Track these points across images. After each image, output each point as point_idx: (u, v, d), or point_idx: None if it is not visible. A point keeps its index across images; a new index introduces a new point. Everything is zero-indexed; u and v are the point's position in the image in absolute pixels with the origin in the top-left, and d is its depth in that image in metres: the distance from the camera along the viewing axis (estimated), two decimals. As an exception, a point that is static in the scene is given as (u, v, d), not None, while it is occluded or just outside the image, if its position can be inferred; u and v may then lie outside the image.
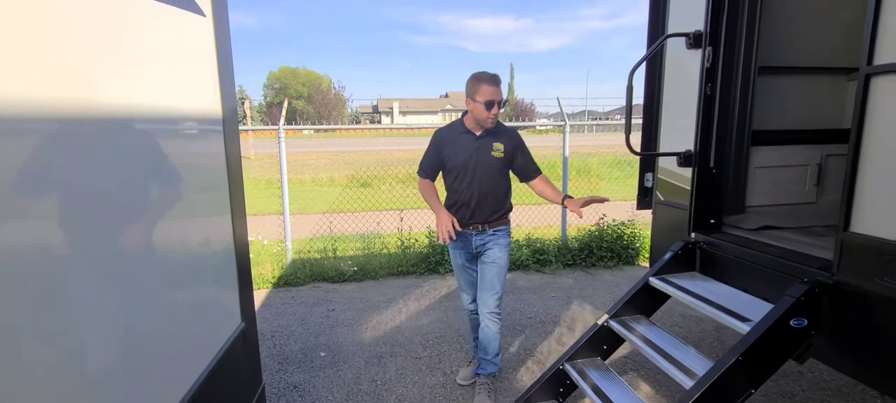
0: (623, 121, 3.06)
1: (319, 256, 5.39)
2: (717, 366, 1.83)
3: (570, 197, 2.61)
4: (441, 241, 2.53)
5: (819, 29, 3.00)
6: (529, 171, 2.74)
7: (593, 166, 12.75)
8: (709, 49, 2.52)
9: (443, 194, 2.76)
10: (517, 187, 2.81)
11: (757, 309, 2.03)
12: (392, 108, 69.08)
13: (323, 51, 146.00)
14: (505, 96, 2.57)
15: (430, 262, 5.19)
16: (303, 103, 52.66)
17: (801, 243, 2.38)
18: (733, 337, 3.49)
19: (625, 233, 5.55)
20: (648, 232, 5.67)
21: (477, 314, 2.82)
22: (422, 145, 2.84)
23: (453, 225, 2.50)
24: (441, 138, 2.67)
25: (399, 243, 5.52)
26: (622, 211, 6.47)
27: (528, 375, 3.06)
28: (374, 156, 19.50)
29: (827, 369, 3.00)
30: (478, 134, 2.60)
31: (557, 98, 5.61)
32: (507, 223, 2.76)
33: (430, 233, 5.51)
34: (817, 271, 1.89)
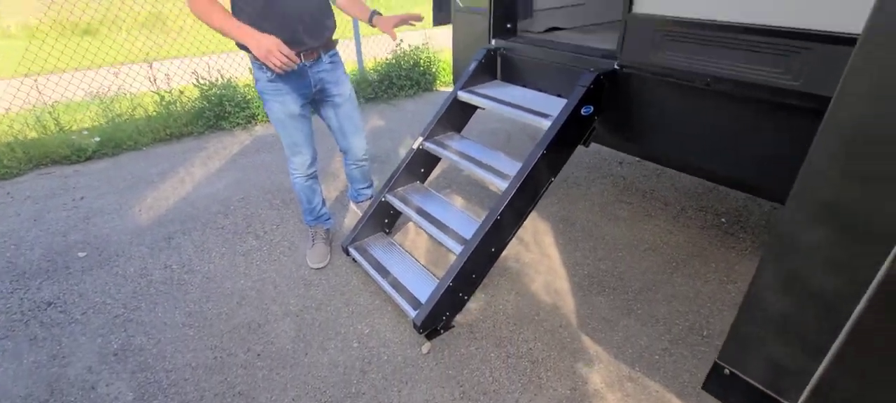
0: None
1: (37, 134, 3.88)
2: (527, 164, 1.96)
3: (379, 13, 2.19)
4: (280, 71, 1.78)
5: None
6: None
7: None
8: None
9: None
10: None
11: (554, 104, 2.20)
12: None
13: None
14: None
15: (207, 118, 4.27)
16: None
17: (583, 39, 2.60)
18: (525, 142, 3.98)
19: (421, 59, 5.47)
20: (444, 56, 5.77)
21: (314, 177, 2.38)
22: None
23: (280, 44, 1.76)
24: None
25: (158, 101, 4.32)
26: (415, 34, 6.31)
27: (354, 219, 2.95)
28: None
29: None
30: None
31: None
32: (336, 44, 2.20)
33: (200, 83, 4.42)
34: (602, 60, 2.08)
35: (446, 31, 3.22)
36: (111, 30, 8.45)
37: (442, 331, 1.99)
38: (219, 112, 4.29)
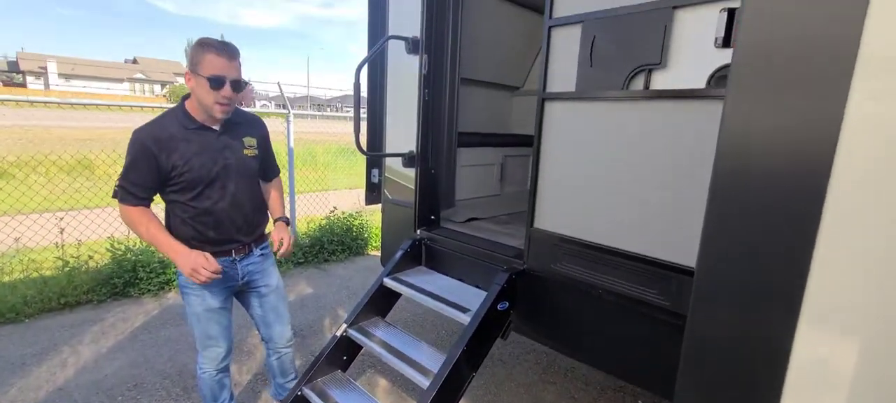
0: (345, 112, 3.01)
1: None
2: (448, 360, 1.97)
3: (285, 221, 2.24)
4: (205, 280, 1.80)
5: (494, 55, 3.69)
6: (271, 171, 2.25)
7: (319, 154, 12.64)
8: (425, 56, 2.68)
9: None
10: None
11: (473, 297, 2.31)
12: (45, 68, 50.82)
13: None
14: (242, 76, 1.86)
15: (114, 284, 3.94)
16: None
17: (498, 232, 2.86)
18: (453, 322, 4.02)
19: (354, 225, 5.64)
20: (376, 222, 6.00)
21: (226, 371, 2.17)
22: (95, 120, 1.93)
23: (208, 260, 1.81)
24: (159, 142, 1.79)
25: (59, 261, 3.97)
26: (349, 200, 6.60)
27: (261, 405, 2.68)
28: (15, 133, 13.76)
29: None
30: (217, 128, 1.91)
31: (278, 83, 5.15)
32: (267, 237, 2.21)
33: (113, 244, 4.17)
34: (513, 259, 2.27)
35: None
36: (29, 174, 8.02)
37: None
38: (129, 278, 4.00)
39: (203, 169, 1.86)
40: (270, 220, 2.23)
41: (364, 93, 3.13)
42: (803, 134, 0.96)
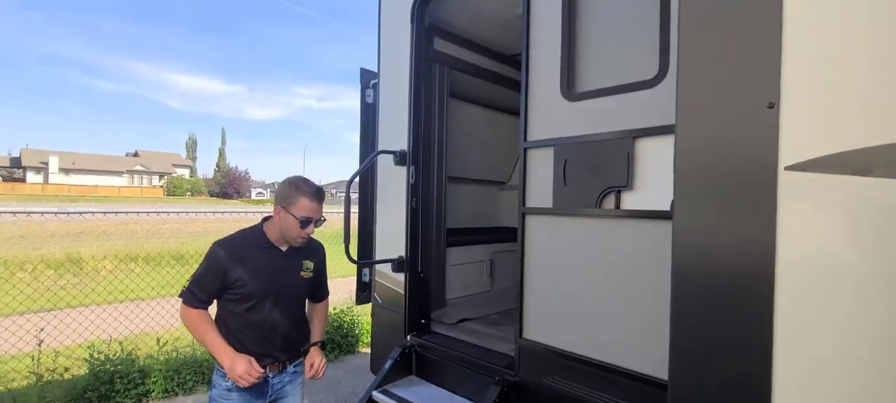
0: (339, 196, 3.11)
1: None
2: None
3: (322, 345, 2.30)
4: (246, 384, 1.94)
5: (480, 152, 3.91)
6: (321, 292, 2.35)
7: (323, 239, 12.62)
8: (412, 167, 2.83)
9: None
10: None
11: None
12: (46, 163, 51.99)
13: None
14: (321, 215, 2.12)
15: (89, 399, 3.75)
16: None
17: (489, 336, 2.82)
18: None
19: (344, 322, 5.53)
20: (367, 318, 5.88)
21: None
22: (94, 220, 2.01)
23: (252, 364, 1.96)
24: (233, 256, 2.00)
25: (31, 374, 3.80)
26: (341, 291, 6.50)
27: None
28: (5, 229, 13.75)
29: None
30: (284, 249, 2.11)
31: (274, 183, 5.30)
32: (304, 355, 2.26)
33: (92, 352, 4.02)
34: (504, 370, 2.23)
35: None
36: (15, 272, 7.91)
37: None
38: (106, 391, 3.81)
39: (261, 284, 2.03)
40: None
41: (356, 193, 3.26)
42: (743, 244, 1.06)
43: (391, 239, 2.98)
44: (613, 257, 1.76)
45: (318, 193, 2.08)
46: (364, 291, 3.50)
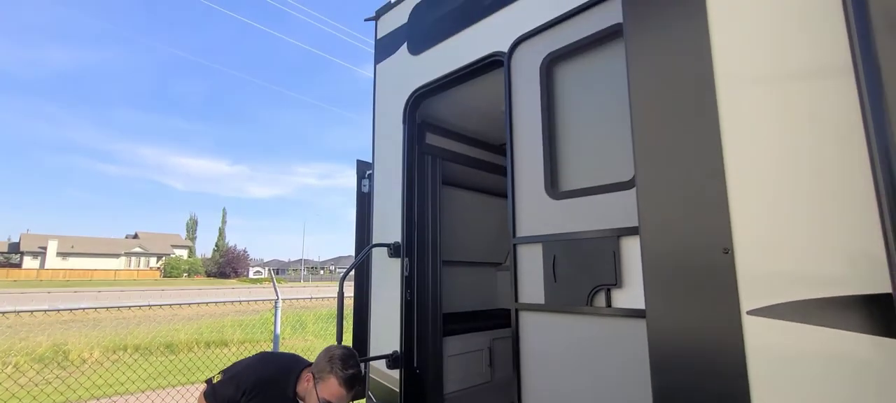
0: (338, 272, 3.06)
1: None
2: None
3: None
4: None
5: (475, 235, 3.95)
6: None
7: (309, 321, 12.36)
8: (406, 259, 2.85)
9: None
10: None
11: None
12: (45, 248, 51.85)
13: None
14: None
15: None
16: None
17: None
18: None
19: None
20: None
21: None
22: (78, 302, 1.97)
23: None
24: (258, 387, 2.00)
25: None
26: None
27: None
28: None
29: None
30: None
31: (269, 270, 5.29)
32: None
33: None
34: None
35: None
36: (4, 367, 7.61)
37: None
38: None
39: None
40: None
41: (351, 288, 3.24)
42: (709, 336, 1.06)
43: (386, 332, 2.94)
44: (607, 354, 1.73)
45: (350, 380, 2.00)
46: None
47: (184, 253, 64.66)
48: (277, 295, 5.15)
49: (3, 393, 5.24)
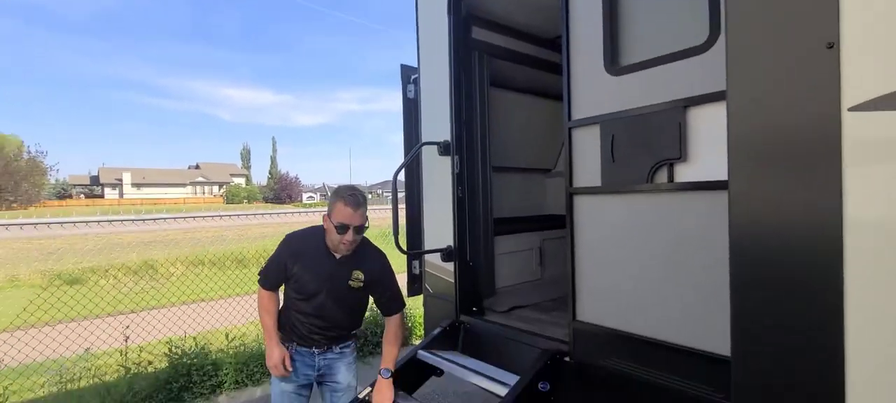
0: (385, 196, 3.18)
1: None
2: None
3: (391, 374, 2.29)
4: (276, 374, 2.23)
5: (524, 140, 3.86)
6: (391, 307, 2.39)
7: (371, 237, 13.01)
8: (456, 157, 2.85)
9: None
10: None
11: (513, 379, 2.22)
12: (121, 179, 56.53)
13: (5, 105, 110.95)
14: (365, 222, 2.19)
15: (171, 389, 4.08)
16: (-33, 171, 37.71)
17: (541, 322, 2.80)
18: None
19: (397, 314, 5.65)
20: (420, 310, 5.99)
21: None
22: (156, 225, 2.22)
23: (285, 363, 2.21)
24: (295, 251, 2.24)
25: (121, 367, 4.19)
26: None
27: None
28: (90, 241, 15.16)
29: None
30: (338, 256, 2.23)
31: (324, 184, 5.52)
32: (354, 337, 2.44)
33: (171, 347, 4.38)
34: (559, 344, 2.21)
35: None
36: (100, 279, 8.74)
37: None
38: (184, 382, 4.13)
39: (310, 284, 2.20)
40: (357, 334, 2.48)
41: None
42: (805, 207, 0.99)
43: (439, 229, 3.03)
44: (667, 232, 1.70)
45: (354, 199, 2.11)
46: (415, 283, 3.58)
47: (241, 181, 68.56)
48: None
49: (109, 299, 6.03)
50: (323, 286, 2.20)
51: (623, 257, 1.88)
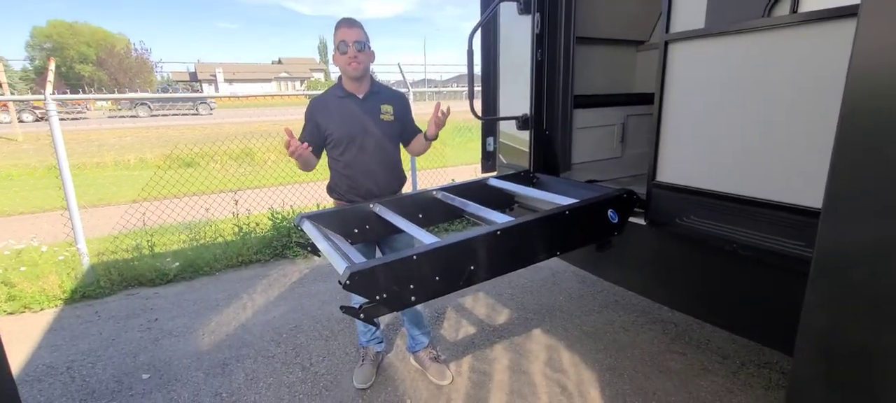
0: (461, 90, 3.12)
1: (131, 256, 4.44)
2: (543, 213, 1.87)
3: (423, 132, 2.47)
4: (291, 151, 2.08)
5: (615, 7, 3.45)
6: (412, 132, 2.51)
7: (442, 134, 13.15)
8: (537, 15, 2.65)
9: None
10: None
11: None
12: (215, 76, 60.71)
13: (109, 5, 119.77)
14: (367, 40, 2.20)
15: (275, 247, 4.71)
16: (91, 68, 42.43)
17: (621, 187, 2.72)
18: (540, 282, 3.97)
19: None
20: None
21: None
22: (256, 116, 2.40)
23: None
24: (316, 107, 2.27)
25: (236, 229, 4.88)
26: (466, 174, 6.82)
27: (414, 371, 3.01)
28: (197, 131, 16.89)
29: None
30: (361, 95, 2.28)
31: (398, 64, 5.49)
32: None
33: (273, 214, 4.99)
34: (634, 193, 2.13)
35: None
36: (209, 162, 9.89)
37: (362, 318, 1.52)
38: (285, 242, 4.73)
39: (342, 128, 2.24)
40: (406, 182, 2.53)
41: (477, 58, 3.21)
42: None
43: (515, 98, 2.94)
44: (780, 75, 1.50)
45: (347, 19, 2.18)
46: (488, 160, 3.60)
47: (321, 76, 70.58)
48: (408, 89, 5.42)
49: (214, 179, 6.85)
50: (355, 127, 2.24)
51: (720, 109, 1.70)
